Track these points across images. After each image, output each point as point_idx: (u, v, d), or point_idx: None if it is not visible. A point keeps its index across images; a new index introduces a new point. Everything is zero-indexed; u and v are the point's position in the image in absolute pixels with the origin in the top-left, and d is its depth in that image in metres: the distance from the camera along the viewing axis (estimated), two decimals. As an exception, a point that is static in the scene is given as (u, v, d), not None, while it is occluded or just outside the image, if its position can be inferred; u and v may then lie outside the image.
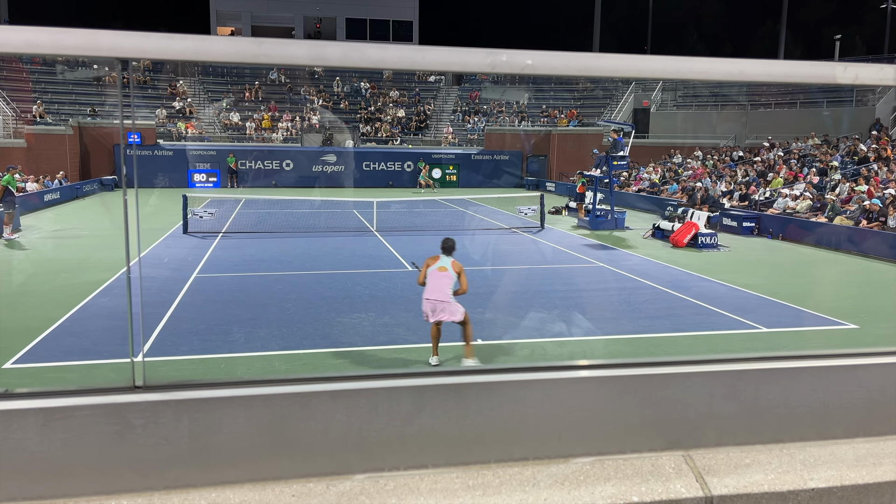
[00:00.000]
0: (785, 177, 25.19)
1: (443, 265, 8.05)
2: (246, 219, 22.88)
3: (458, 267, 8.10)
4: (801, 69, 2.27)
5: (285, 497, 2.02)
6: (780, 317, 10.99)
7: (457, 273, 8.05)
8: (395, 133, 42.20)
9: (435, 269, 8.03)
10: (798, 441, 2.40)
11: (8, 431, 1.95)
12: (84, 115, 36.58)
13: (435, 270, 8.01)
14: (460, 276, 8.07)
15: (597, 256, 16.60)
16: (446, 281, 7.94)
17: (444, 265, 8.05)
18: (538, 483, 2.11)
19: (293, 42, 1.94)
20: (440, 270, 8.00)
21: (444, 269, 8.01)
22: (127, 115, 29.25)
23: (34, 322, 9.78)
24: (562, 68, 2.11)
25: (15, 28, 1.75)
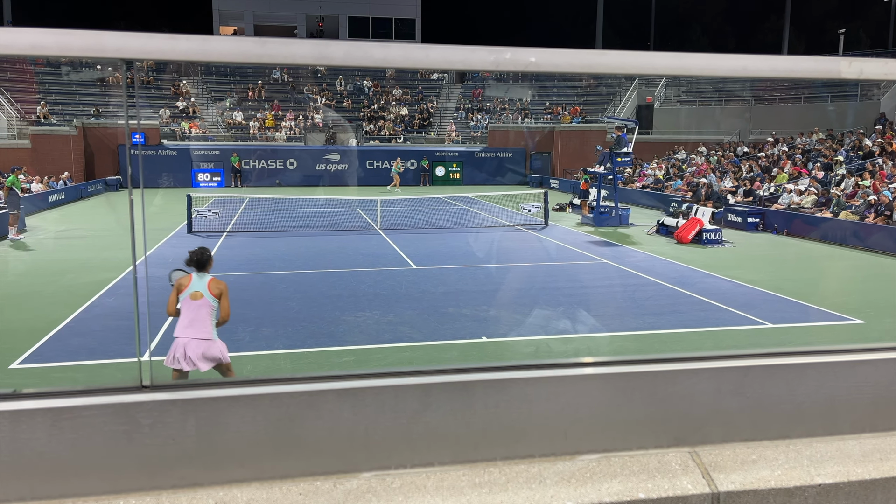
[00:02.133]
0: (789, 172, 25.11)
1: (198, 290, 6.08)
2: (250, 218, 22.91)
3: (218, 288, 6.14)
4: (806, 64, 2.26)
5: (293, 495, 2.02)
6: (786, 313, 10.96)
7: (217, 297, 6.12)
8: (398, 131, 42.19)
9: (187, 295, 6.07)
10: (805, 437, 2.40)
11: (17, 432, 1.96)
12: (88, 116, 36.67)
13: (188, 298, 6.05)
14: (221, 300, 6.13)
15: (601, 253, 16.58)
16: (205, 312, 6.04)
17: (199, 290, 6.08)
18: (545, 480, 2.11)
19: (296, 41, 1.94)
20: (193, 298, 6.04)
21: (200, 296, 6.06)
22: (131, 116, 29.29)
23: (40, 322, 9.82)
24: (565, 65, 2.11)
25: (21, 30, 1.76)
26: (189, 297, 6.02)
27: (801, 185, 22.46)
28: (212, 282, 6.13)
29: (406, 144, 40.84)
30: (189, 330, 5.98)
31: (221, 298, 6.11)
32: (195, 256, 6.21)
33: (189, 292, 6.04)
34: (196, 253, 6.24)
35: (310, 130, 39.96)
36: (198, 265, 6.19)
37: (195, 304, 6.01)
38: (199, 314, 5.99)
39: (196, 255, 6.21)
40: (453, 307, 10.97)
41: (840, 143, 27.34)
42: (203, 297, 6.02)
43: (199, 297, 6.02)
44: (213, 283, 6.13)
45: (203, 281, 6.11)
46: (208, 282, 6.12)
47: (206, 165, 36.26)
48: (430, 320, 10.27)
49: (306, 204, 26.67)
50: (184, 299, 6.04)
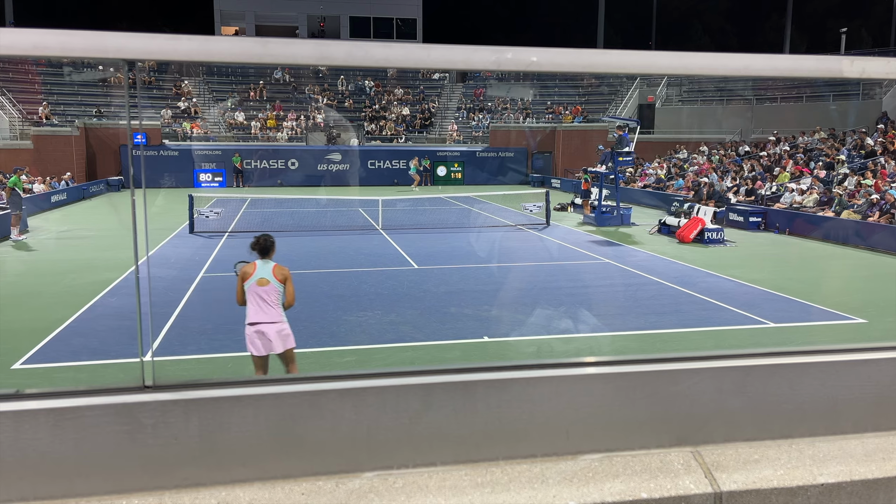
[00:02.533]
0: (791, 171, 25.08)
1: (263, 276, 6.28)
2: (252, 218, 22.92)
3: (282, 273, 6.36)
4: (808, 63, 2.26)
5: (295, 495, 2.03)
6: (788, 312, 10.95)
7: (281, 282, 6.33)
8: (399, 131, 42.20)
9: (253, 282, 6.26)
10: (807, 436, 2.40)
11: (19, 432, 1.97)
12: (90, 117, 36.71)
13: (254, 285, 6.26)
14: (286, 285, 6.36)
15: (603, 253, 16.57)
16: (272, 297, 6.27)
17: (264, 276, 6.28)
18: (547, 480, 2.12)
19: (298, 41, 1.95)
20: (260, 284, 6.25)
21: (266, 282, 6.27)
22: (133, 116, 29.31)
23: (43, 322, 9.83)
24: (567, 65, 2.11)
25: (23, 30, 1.76)
26: (255, 284, 6.21)
27: (803, 184, 22.44)
28: (276, 267, 6.30)
29: (407, 144, 40.84)
30: (260, 315, 6.18)
31: (286, 283, 6.31)
32: (259, 243, 6.36)
33: (255, 279, 6.22)
34: (260, 239, 6.38)
35: (311, 130, 39.97)
36: (262, 251, 6.35)
37: (262, 289, 6.21)
38: (268, 299, 6.20)
39: (260, 241, 6.37)
40: (455, 307, 10.97)
41: (842, 143, 27.30)
42: (269, 282, 6.22)
43: (266, 283, 6.21)
44: (277, 268, 6.31)
45: (268, 267, 6.28)
46: (272, 268, 6.28)
47: (207, 166, 36.28)
48: (432, 320, 10.27)
49: (308, 204, 26.68)
50: (249, 287, 6.23)
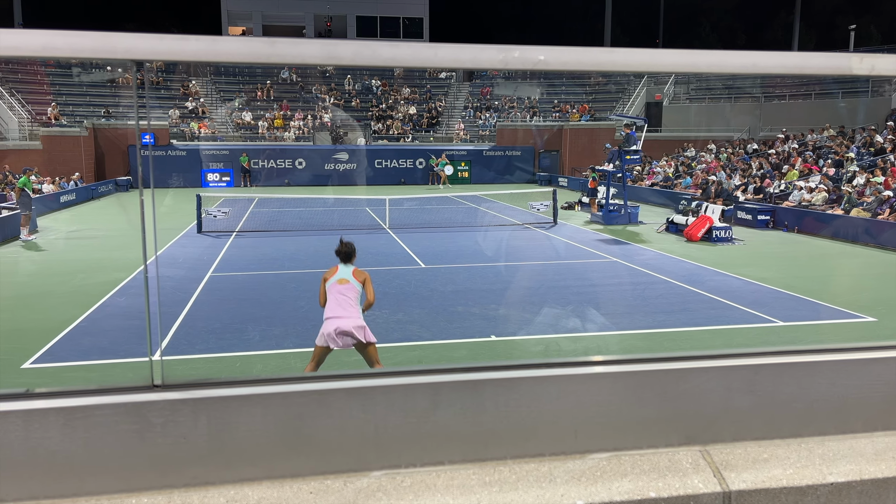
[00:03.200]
0: (800, 169, 24.96)
1: (343, 276, 6.77)
2: (259, 218, 22.99)
3: (362, 275, 6.85)
4: (816, 60, 2.25)
5: (303, 494, 2.03)
6: (797, 310, 10.90)
7: (361, 283, 6.81)
8: (406, 130, 42.22)
9: (334, 281, 6.75)
10: (817, 435, 2.39)
11: (29, 431, 1.98)
12: (98, 117, 36.89)
13: (334, 284, 6.74)
14: (366, 286, 6.83)
15: (610, 251, 16.54)
16: (351, 295, 6.71)
17: (344, 276, 6.77)
18: (555, 479, 2.11)
19: (305, 41, 1.95)
20: (340, 283, 6.72)
21: (346, 282, 6.74)
22: (142, 116, 29.45)
23: (52, 322, 9.89)
24: (574, 63, 2.11)
25: (33, 31, 1.77)
26: (336, 283, 6.70)
27: (811, 182, 22.32)
28: (355, 270, 6.81)
29: (414, 143, 40.86)
30: (338, 310, 6.57)
31: (366, 284, 6.79)
32: (342, 249, 6.90)
33: (336, 279, 6.72)
34: (343, 246, 6.91)
35: (318, 130, 40.04)
36: (344, 257, 6.87)
37: (341, 287, 6.68)
38: (346, 296, 6.63)
39: (343, 248, 6.91)
40: (462, 306, 10.98)
41: (851, 140, 27.15)
42: (349, 282, 6.70)
43: (346, 282, 6.70)
44: (357, 271, 6.82)
45: (348, 269, 6.81)
46: (352, 270, 6.80)
47: (215, 165, 36.40)
48: (439, 319, 10.28)
49: (315, 203, 26.73)
50: (330, 286, 6.71)
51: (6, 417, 1.97)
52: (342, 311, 6.56)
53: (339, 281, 6.69)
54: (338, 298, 6.62)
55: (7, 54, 1.79)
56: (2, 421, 1.97)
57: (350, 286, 6.68)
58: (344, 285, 6.67)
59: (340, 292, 6.64)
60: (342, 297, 6.62)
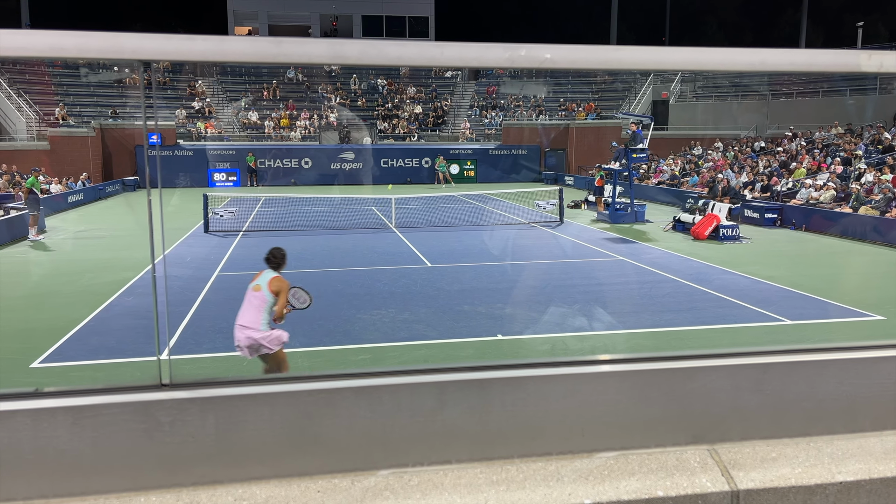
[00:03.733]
0: (808, 167, 24.85)
1: (258, 283, 6.61)
2: (266, 217, 23.04)
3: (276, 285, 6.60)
4: (824, 58, 2.24)
5: (311, 493, 2.04)
6: (805, 309, 10.86)
7: (273, 294, 6.56)
8: (412, 129, 42.23)
9: (250, 287, 6.62)
10: (825, 434, 2.38)
11: (38, 430, 1.99)
12: (105, 117, 37.03)
13: (249, 289, 6.60)
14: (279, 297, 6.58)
15: (617, 250, 16.50)
16: (257, 303, 6.53)
17: (259, 283, 6.61)
18: (562, 478, 2.11)
19: (312, 41, 1.95)
20: (253, 290, 6.58)
21: (259, 289, 6.56)
22: (149, 116, 29.52)
23: (60, 322, 9.93)
24: (580, 61, 2.10)
25: (41, 32, 1.78)
26: (251, 288, 6.57)
27: (819, 179, 22.22)
28: (273, 279, 6.57)
29: (420, 143, 40.86)
30: (241, 317, 6.50)
31: (279, 295, 6.53)
32: (268, 257, 6.75)
33: (253, 284, 6.59)
34: (270, 254, 6.76)
35: (324, 129, 40.08)
36: (272, 265, 6.71)
37: (252, 294, 6.54)
38: (252, 304, 6.49)
39: (270, 254, 6.75)
40: (468, 305, 10.97)
41: (859, 137, 27.01)
42: (261, 290, 6.52)
43: (258, 289, 6.53)
44: (274, 280, 6.57)
45: (266, 277, 6.61)
46: (270, 279, 6.58)
47: (221, 165, 36.49)
48: (446, 318, 10.28)
49: (321, 203, 26.77)
50: (247, 290, 6.58)
51: (15, 416, 1.98)
52: (244, 319, 6.49)
53: (254, 287, 6.58)
54: (246, 304, 6.54)
55: (15, 55, 1.80)
56: (10, 420, 1.98)
57: (260, 294, 6.53)
58: (256, 293, 6.55)
59: (248, 299, 6.56)
60: (249, 304, 6.52)
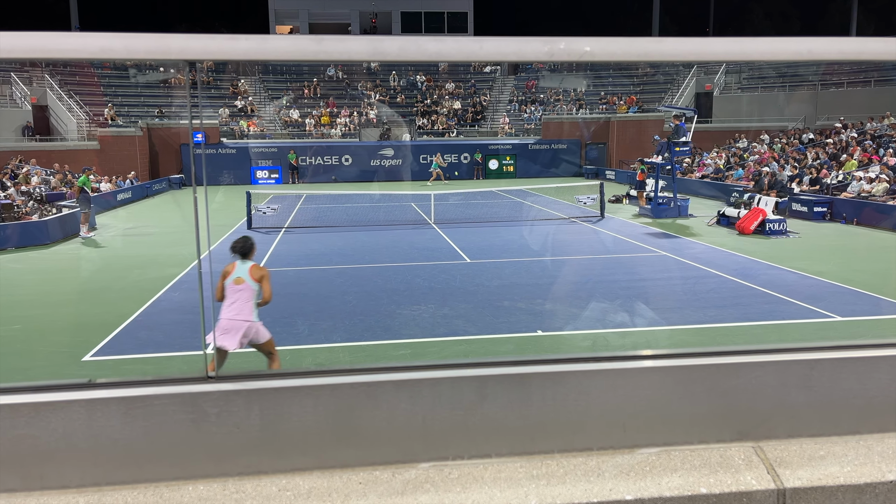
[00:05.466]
0: (859, 159, 24.09)
1: (239, 275, 6.61)
2: (307, 214, 23.33)
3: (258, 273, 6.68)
4: (875, 46, 2.17)
5: (352, 484, 2.06)
6: (856, 305, 10.54)
7: (257, 281, 6.63)
8: (451, 125, 42.23)
9: (231, 280, 6.60)
10: (876, 432, 2.32)
11: (92, 419, 2.06)
12: (152, 117, 37.92)
13: (231, 283, 6.59)
14: (262, 284, 6.66)
15: (659, 245, 16.26)
16: (245, 295, 6.57)
17: (240, 275, 6.61)
18: (603, 473, 2.10)
19: (352, 38, 1.97)
20: (236, 283, 6.58)
21: (242, 281, 6.58)
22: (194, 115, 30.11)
23: (110, 316, 10.23)
24: (621, 54, 2.08)
25: (91, 35, 1.84)
26: (232, 283, 6.56)
27: (871, 172, 21.52)
28: (253, 268, 6.64)
29: (459, 138, 40.84)
30: (229, 311, 6.51)
31: (262, 281, 6.62)
32: (238, 246, 6.73)
33: (232, 278, 6.58)
34: (238, 242, 6.76)
35: (364, 126, 40.38)
36: (240, 253, 6.72)
37: (236, 287, 6.55)
38: (240, 297, 6.52)
39: (238, 244, 6.74)
40: (508, 300, 10.95)
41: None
42: (244, 282, 6.56)
43: (241, 282, 6.56)
44: (254, 268, 6.64)
45: (245, 267, 6.63)
46: (249, 267, 6.63)
47: (264, 163, 37.05)
48: (485, 314, 10.27)
49: (361, 199, 26.98)
50: (228, 285, 6.58)
51: (70, 406, 2.05)
52: (235, 313, 6.51)
53: (235, 281, 6.58)
54: (232, 298, 6.55)
55: (68, 56, 1.86)
56: (66, 410, 2.05)
57: (245, 286, 6.58)
58: (240, 285, 6.57)
59: (235, 292, 6.57)
60: (236, 297, 6.54)
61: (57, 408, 2.04)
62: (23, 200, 19.14)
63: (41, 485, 2.05)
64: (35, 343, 9.25)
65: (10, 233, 16.66)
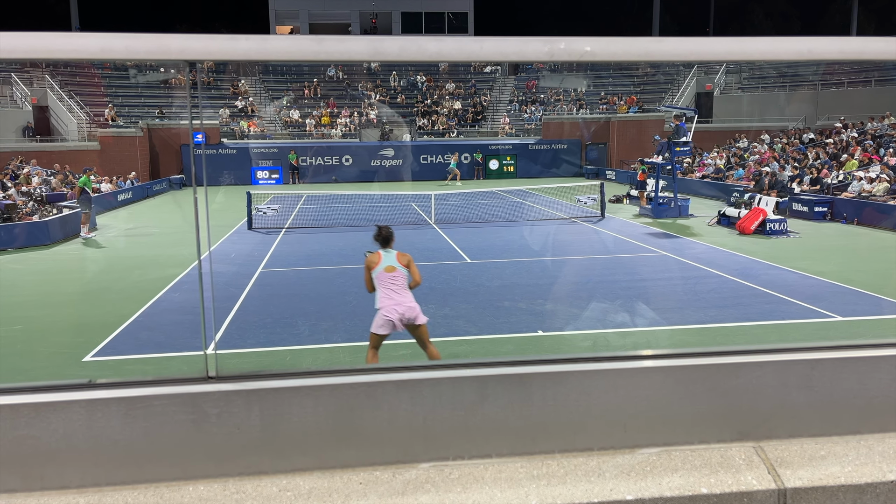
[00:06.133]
0: (860, 159, 24.08)
1: (389, 264, 6.85)
2: (308, 214, 23.33)
3: (405, 259, 6.93)
4: (876, 45, 2.17)
5: (353, 485, 2.06)
6: (857, 305, 10.54)
7: (405, 266, 6.90)
8: (451, 125, 42.24)
9: (381, 270, 6.83)
10: (877, 432, 2.31)
11: (92, 420, 2.06)
12: (152, 117, 37.94)
13: (382, 272, 6.82)
14: (410, 269, 6.93)
15: (660, 245, 16.26)
16: (401, 282, 6.82)
17: (390, 263, 6.85)
18: (604, 473, 2.10)
19: (352, 38, 1.97)
20: (388, 271, 6.81)
21: (393, 269, 6.82)
22: (194, 116, 30.14)
23: (111, 317, 10.23)
24: (621, 54, 2.08)
25: (91, 35, 1.84)
26: (383, 271, 6.80)
27: (872, 172, 21.51)
28: (398, 254, 6.89)
29: (460, 138, 40.84)
30: (393, 297, 6.75)
31: (410, 266, 6.90)
32: (380, 234, 6.98)
33: (382, 267, 6.81)
34: (383, 230, 6.99)
35: (364, 127, 40.38)
36: (384, 241, 6.95)
37: (389, 275, 6.80)
38: (397, 283, 6.78)
39: (383, 232, 6.98)
40: (509, 301, 10.95)
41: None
42: (395, 269, 6.81)
43: (393, 269, 6.80)
44: (400, 255, 6.90)
45: (391, 255, 6.89)
46: (395, 255, 6.89)
47: (264, 163, 37.06)
48: (486, 314, 10.27)
49: (362, 199, 26.98)
50: (378, 275, 6.81)
51: (70, 407, 2.05)
52: (397, 297, 6.76)
53: (386, 269, 6.83)
54: (389, 286, 6.78)
55: (69, 56, 1.86)
56: (66, 410, 2.05)
57: (398, 272, 6.84)
58: (391, 273, 6.82)
59: (391, 279, 6.81)
60: (393, 284, 6.79)
61: (57, 408, 2.04)
62: (23, 201, 19.15)
63: (41, 485, 2.05)
64: (36, 344, 9.25)
65: (10, 233, 16.67)
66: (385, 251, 6.92)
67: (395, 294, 6.76)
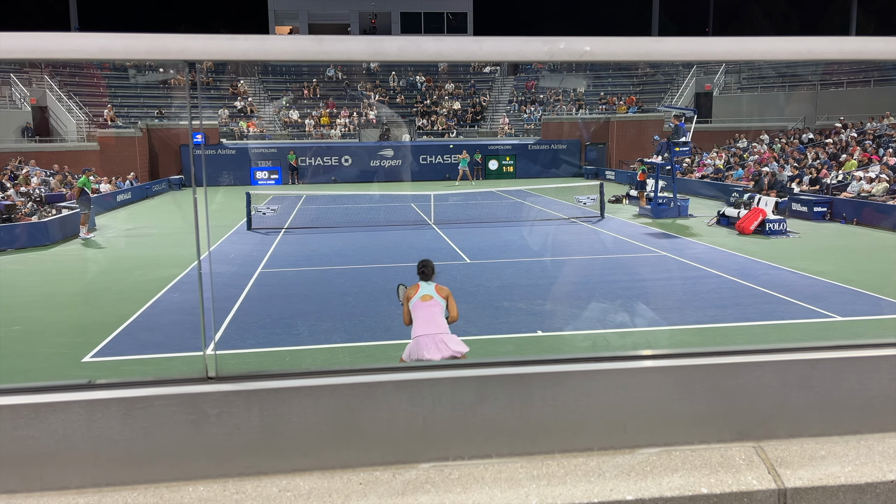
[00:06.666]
0: (859, 159, 24.10)
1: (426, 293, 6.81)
2: (307, 214, 23.33)
3: (445, 291, 6.90)
4: (875, 45, 2.17)
5: (353, 485, 2.06)
6: (856, 305, 10.54)
7: (444, 299, 6.84)
8: (451, 126, 42.24)
9: (417, 299, 6.77)
10: (877, 432, 2.32)
11: (92, 420, 2.06)
12: (152, 118, 37.93)
13: (418, 301, 6.77)
14: (448, 302, 6.85)
15: (659, 245, 16.26)
16: (437, 310, 6.74)
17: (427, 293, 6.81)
18: (604, 474, 2.10)
19: (352, 38, 1.97)
20: (424, 300, 6.76)
21: (430, 297, 6.78)
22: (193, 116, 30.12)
23: (110, 318, 10.23)
24: (621, 54, 2.08)
25: (91, 35, 1.84)
26: (419, 300, 6.69)
27: (871, 172, 21.52)
28: (437, 286, 6.86)
29: (459, 139, 40.85)
30: (428, 327, 6.57)
31: (448, 299, 6.80)
32: (423, 269, 7.02)
33: (419, 296, 6.72)
34: (427, 265, 7.04)
35: (364, 127, 40.38)
36: (423, 275, 6.96)
37: (426, 304, 6.69)
38: (432, 311, 6.65)
39: (423, 267, 7.03)
40: (508, 301, 10.95)
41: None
42: (432, 297, 6.71)
43: (429, 298, 6.71)
44: (439, 287, 6.87)
45: (430, 286, 6.85)
46: (435, 286, 6.85)
47: (263, 163, 37.05)
48: (485, 314, 10.27)
49: (361, 200, 26.98)
50: (415, 304, 6.71)
51: (70, 407, 2.05)
52: (433, 328, 6.59)
53: (422, 298, 6.74)
54: (426, 314, 6.66)
55: (68, 57, 1.86)
56: (66, 411, 2.05)
57: (434, 301, 6.74)
58: (428, 301, 6.73)
59: (428, 307, 6.70)
60: (429, 312, 6.67)
61: (57, 409, 2.04)
62: (22, 201, 19.14)
63: (41, 486, 2.05)
64: (35, 344, 9.24)
65: (10, 234, 16.66)
66: (425, 283, 6.89)
67: (430, 325, 6.58)
